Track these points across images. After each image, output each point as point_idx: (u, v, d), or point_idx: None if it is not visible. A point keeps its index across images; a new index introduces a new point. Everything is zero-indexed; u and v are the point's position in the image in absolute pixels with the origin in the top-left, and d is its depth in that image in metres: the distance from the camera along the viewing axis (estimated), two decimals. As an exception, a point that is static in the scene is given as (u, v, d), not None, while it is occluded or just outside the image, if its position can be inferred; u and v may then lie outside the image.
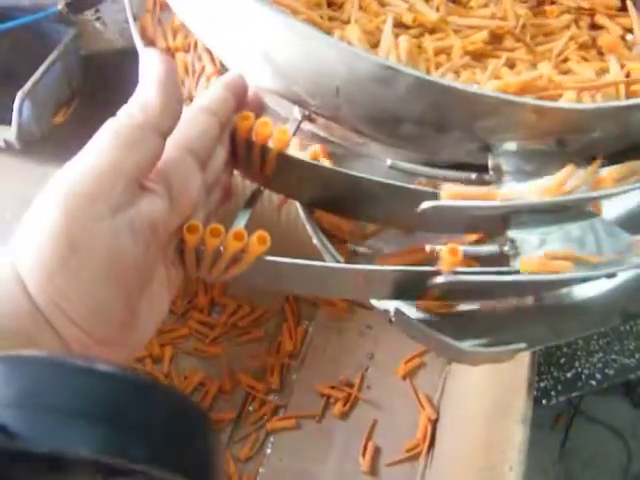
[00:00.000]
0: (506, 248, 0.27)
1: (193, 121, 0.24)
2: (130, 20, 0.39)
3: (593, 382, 0.54)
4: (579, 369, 0.55)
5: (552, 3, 0.39)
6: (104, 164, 0.20)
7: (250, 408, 0.47)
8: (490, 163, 0.29)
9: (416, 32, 0.35)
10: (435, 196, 0.27)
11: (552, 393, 0.53)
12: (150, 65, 0.22)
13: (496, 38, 0.36)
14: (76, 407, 0.14)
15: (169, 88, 0.22)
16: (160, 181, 0.22)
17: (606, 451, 1.00)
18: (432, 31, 0.35)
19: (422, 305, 0.29)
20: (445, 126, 0.27)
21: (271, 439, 0.46)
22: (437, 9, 0.36)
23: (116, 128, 0.21)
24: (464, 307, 0.30)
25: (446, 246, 0.25)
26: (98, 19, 0.61)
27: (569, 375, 0.54)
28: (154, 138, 0.21)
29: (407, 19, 0.35)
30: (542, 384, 0.53)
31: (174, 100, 0.22)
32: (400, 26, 0.35)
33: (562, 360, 0.55)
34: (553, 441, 0.98)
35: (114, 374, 0.15)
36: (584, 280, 0.29)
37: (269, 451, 0.45)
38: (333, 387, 0.48)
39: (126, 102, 0.23)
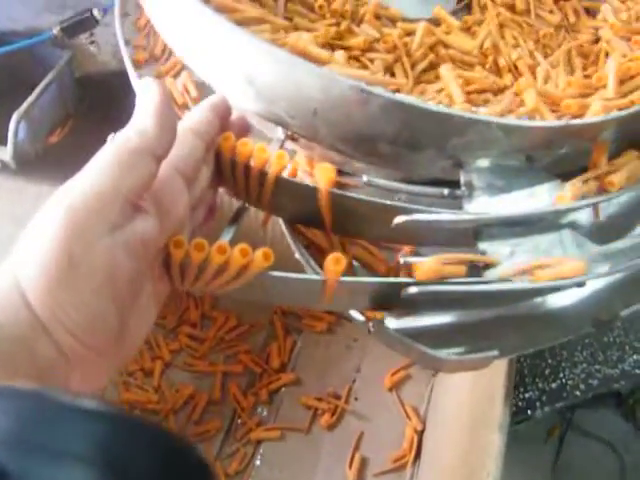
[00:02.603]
0: (477, 260, 0.28)
1: (181, 142, 0.26)
2: (121, 44, 0.41)
3: (577, 392, 0.55)
4: (563, 380, 0.56)
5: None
6: (104, 185, 0.21)
7: (239, 421, 0.48)
8: (462, 179, 0.30)
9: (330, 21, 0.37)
10: (409, 211, 0.28)
11: (537, 404, 0.54)
12: (147, 92, 0.24)
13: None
14: (66, 447, 0.15)
15: (165, 116, 0.24)
16: (151, 200, 0.24)
17: (600, 464, 1.00)
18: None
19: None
20: (418, 145, 0.29)
21: (260, 451, 0.47)
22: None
23: (115, 151, 0.22)
24: (440, 317, 0.31)
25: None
26: (92, 42, 0.63)
27: (554, 386, 0.55)
28: (150, 162, 0.23)
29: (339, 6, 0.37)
30: (527, 395, 0.54)
31: (169, 127, 0.24)
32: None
33: (547, 371, 0.56)
34: (546, 455, 0.99)
35: (106, 413, 0.16)
36: (555, 289, 0.30)
37: (258, 463, 0.46)
38: (320, 399, 0.48)
39: (119, 121, 0.24)
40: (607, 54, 0.40)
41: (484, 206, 0.29)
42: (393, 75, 0.36)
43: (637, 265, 0.29)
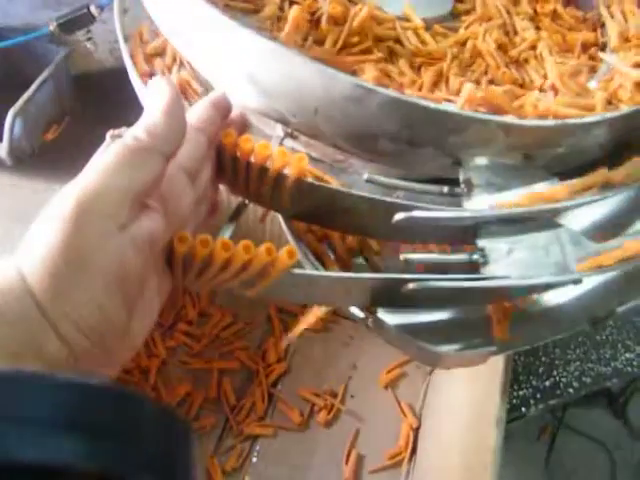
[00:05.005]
0: (476, 256, 0.28)
1: (185, 139, 0.26)
2: (120, 41, 0.40)
3: (571, 390, 0.56)
4: (557, 378, 0.56)
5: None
6: (114, 184, 0.21)
7: (236, 418, 0.48)
8: (461, 177, 0.30)
9: None
10: (409, 208, 0.28)
11: (531, 401, 0.55)
12: (158, 92, 0.24)
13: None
14: (54, 418, 0.15)
15: (175, 116, 0.24)
16: (157, 197, 0.24)
17: (591, 462, 1.01)
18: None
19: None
20: (418, 142, 0.29)
21: (257, 447, 0.47)
22: None
23: (125, 150, 0.22)
24: (438, 313, 0.31)
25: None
26: (89, 39, 0.62)
27: (547, 384, 0.56)
28: (158, 161, 0.23)
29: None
30: (521, 392, 0.55)
31: (179, 126, 0.24)
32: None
33: (540, 369, 0.56)
34: (538, 453, 1.00)
35: (89, 384, 0.16)
36: (551, 286, 0.30)
37: (255, 460, 0.46)
38: (317, 395, 0.49)
39: (115, 119, 0.24)
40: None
41: (483, 203, 0.30)
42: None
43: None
